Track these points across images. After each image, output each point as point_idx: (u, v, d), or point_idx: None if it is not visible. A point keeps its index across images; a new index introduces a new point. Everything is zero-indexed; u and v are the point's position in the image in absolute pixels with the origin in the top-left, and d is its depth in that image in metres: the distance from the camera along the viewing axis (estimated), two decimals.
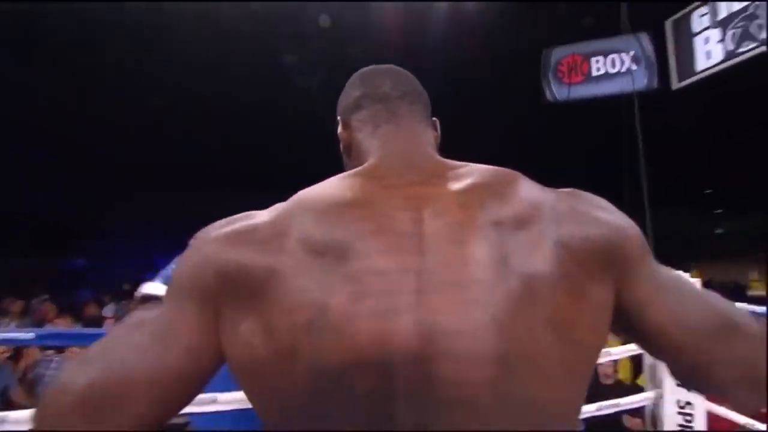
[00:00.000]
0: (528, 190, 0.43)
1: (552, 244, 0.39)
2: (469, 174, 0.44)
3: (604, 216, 0.44)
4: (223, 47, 4.52)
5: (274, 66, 4.86)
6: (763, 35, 3.30)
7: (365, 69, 0.58)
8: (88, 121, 5.21)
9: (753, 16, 3.37)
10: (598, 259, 0.41)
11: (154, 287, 0.53)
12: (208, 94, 5.01)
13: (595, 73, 4.69)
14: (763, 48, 3.29)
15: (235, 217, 0.45)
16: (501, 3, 4.63)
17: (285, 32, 4.53)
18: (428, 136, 0.53)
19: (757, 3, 3.31)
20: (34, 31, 3.93)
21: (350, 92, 0.56)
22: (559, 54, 4.80)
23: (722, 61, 3.66)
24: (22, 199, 7.01)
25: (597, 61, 4.68)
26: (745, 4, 3.41)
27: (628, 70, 4.53)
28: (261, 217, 0.43)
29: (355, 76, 0.57)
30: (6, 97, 4.28)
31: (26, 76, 4.34)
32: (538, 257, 0.38)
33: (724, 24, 3.62)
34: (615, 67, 4.62)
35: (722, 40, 3.65)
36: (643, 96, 4.37)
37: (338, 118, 0.57)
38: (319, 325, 0.35)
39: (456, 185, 0.42)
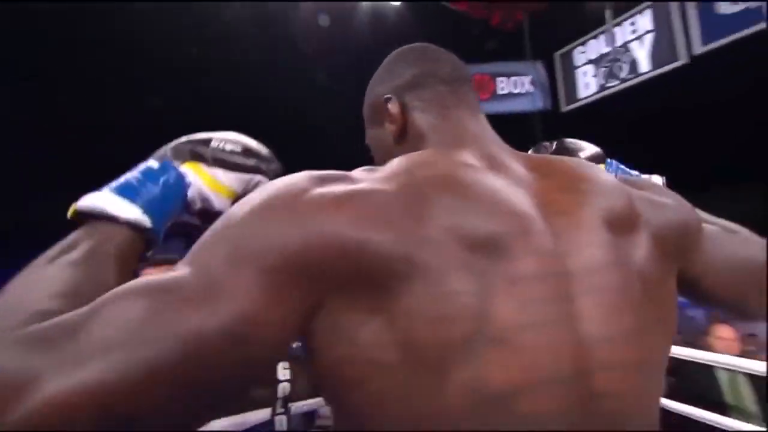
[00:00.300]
0: (613, 183, 0.42)
1: (647, 242, 0.39)
2: (561, 168, 0.42)
3: (672, 203, 0.44)
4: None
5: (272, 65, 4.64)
6: (623, 74, 4.04)
7: (415, 46, 0.52)
8: None
9: (615, 59, 4.10)
10: (673, 251, 0.41)
11: (106, 201, 0.35)
12: None
13: (500, 91, 5.22)
14: (623, 85, 4.03)
15: (328, 174, 0.34)
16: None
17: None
18: None
19: (618, 48, 4.04)
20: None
21: (404, 69, 0.49)
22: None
23: (596, 93, 4.39)
24: None
25: (501, 81, 5.22)
26: (609, 49, 4.13)
27: (528, 92, 5.15)
28: (375, 185, 0.33)
29: (407, 53, 0.51)
30: None
31: None
32: (643, 257, 0.38)
33: (596, 62, 4.34)
34: (517, 88, 5.21)
35: (596, 75, 4.37)
36: None
37: (387, 95, 0.48)
38: (478, 339, 0.29)
39: (560, 181, 0.40)
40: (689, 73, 3.48)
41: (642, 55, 3.81)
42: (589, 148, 0.71)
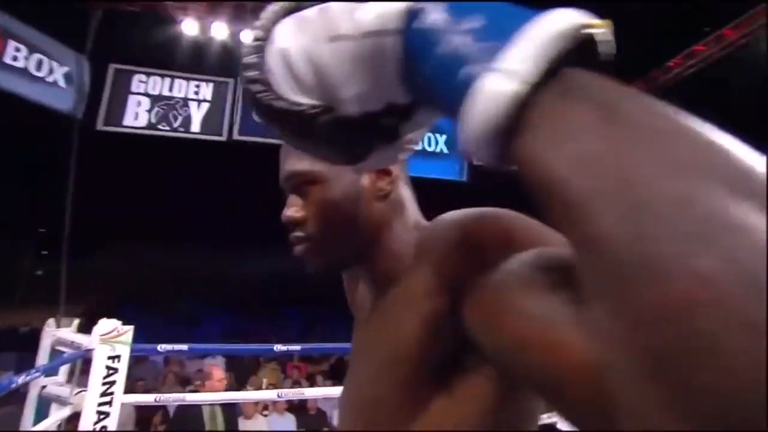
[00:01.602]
0: None
1: None
2: None
3: None
4: None
5: None
6: (175, 124, 4.19)
7: None
8: None
9: (173, 107, 4.22)
10: None
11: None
12: None
13: (9, 60, 3.64)
14: (170, 133, 4.16)
15: None
16: None
17: None
18: None
19: (179, 99, 4.20)
20: None
21: None
22: None
23: (143, 127, 4.17)
24: None
25: (17, 48, 3.68)
26: (170, 94, 4.21)
27: (57, 84, 3.95)
28: None
29: None
30: None
31: None
32: None
33: (154, 99, 4.22)
34: (42, 71, 3.84)
35: (149, 111, 4.21)
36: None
37: None
38: None
39: None
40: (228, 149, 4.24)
41: (196, 116, 4.19)
42: None
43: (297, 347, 2.75)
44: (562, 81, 0.20)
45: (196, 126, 4.12)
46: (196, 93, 4.18)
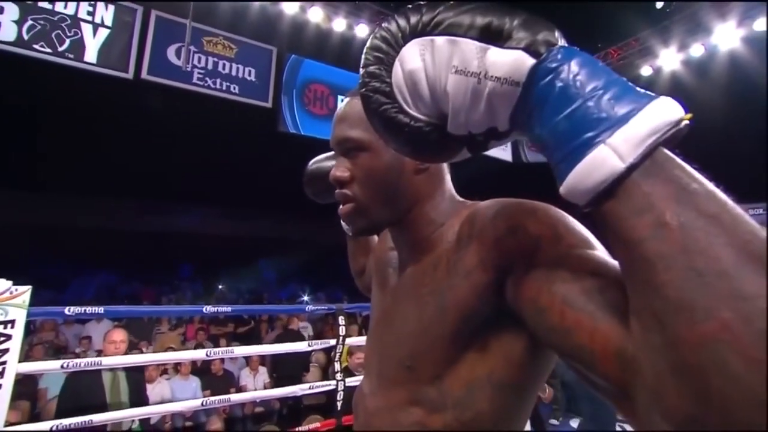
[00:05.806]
0: None
1: None
2: None
3: None
4: None
5: None
6: (61, 48, 3.36)
7: None
8: None
9: (56, 25, 3.34)
10: None
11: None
12: None
13: None
14: (50, 57, 3.33)
15: None
16: None
17: None
18: None
19: (64, 15, 3.34)
20: None
21: None
22: None
23: (10, 43, 3.24)
24: None
25: None
26: (51, 7, 3.31)
27: None
28: None
29: None
30: None
31: None
32: None
33: (25, 8, 3.27)
34: None
35: (19, 22, 3.26)
36: None
37: None
38: None
39: None
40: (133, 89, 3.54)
41: (91, 43, 3.39)
42: None
43: (227, 308, 2.69)
44: (652, 161, 0.25)
45: (91, 55, 3.37)
46: (90, 14, 3.38)
